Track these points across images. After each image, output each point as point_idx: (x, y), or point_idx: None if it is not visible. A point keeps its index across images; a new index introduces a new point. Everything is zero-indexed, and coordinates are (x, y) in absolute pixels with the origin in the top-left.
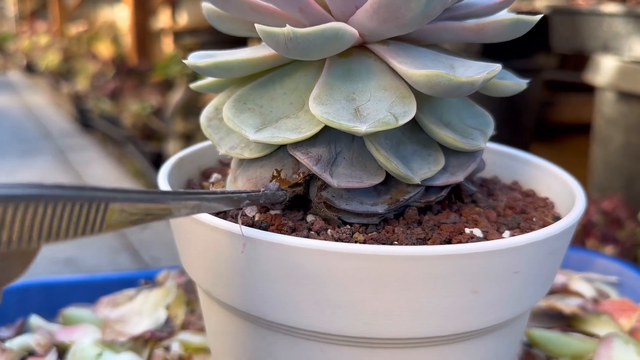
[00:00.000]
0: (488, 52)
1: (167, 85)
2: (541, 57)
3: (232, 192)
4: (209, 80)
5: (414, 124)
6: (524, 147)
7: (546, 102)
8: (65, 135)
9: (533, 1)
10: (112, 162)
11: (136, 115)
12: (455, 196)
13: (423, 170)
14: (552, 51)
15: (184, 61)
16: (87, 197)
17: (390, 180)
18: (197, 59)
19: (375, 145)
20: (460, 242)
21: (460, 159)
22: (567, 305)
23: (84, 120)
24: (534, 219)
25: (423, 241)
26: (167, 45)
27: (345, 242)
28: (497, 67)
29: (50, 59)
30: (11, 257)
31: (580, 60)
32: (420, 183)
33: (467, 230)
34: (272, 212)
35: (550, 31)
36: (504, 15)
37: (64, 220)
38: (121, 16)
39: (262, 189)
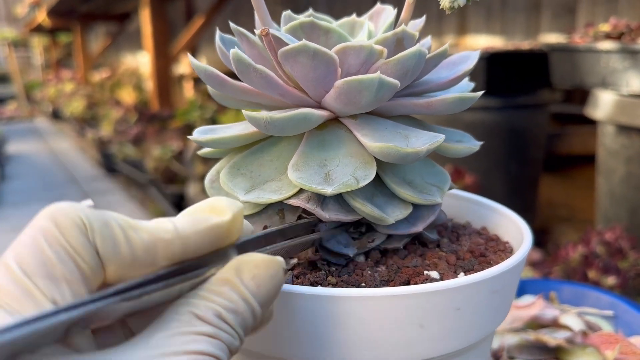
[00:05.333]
0: (493, 90)
1: (187, 130)
2: (546, 92)
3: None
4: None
5: (383, 182)
6: (534, 179)
7: (554, 134)
8: (90, 180)
9: (537, 39)
10: (136, 205)
11: (158, 159)
12: (420, 242)
13: (395, 213)
14: (554, 87)
15: (188, 137)
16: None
17: (362, 229)
18: (200, 134)
19: (352, 196)
20: (416, 283)
21: (421, 211)
22: (555, 338)
23: (108, 164)
24: (491, 262)
25: (387, 282)
26: (188, 90)
27: (320, 284)
28: (441, 137)
29: (75, 106)
30: None
31: (585, 93)
32: (387, 232)
33: (426, 273)
34: None
35: (551, 68)
36: (449, 94)
37: None
38: (143, 62)
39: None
